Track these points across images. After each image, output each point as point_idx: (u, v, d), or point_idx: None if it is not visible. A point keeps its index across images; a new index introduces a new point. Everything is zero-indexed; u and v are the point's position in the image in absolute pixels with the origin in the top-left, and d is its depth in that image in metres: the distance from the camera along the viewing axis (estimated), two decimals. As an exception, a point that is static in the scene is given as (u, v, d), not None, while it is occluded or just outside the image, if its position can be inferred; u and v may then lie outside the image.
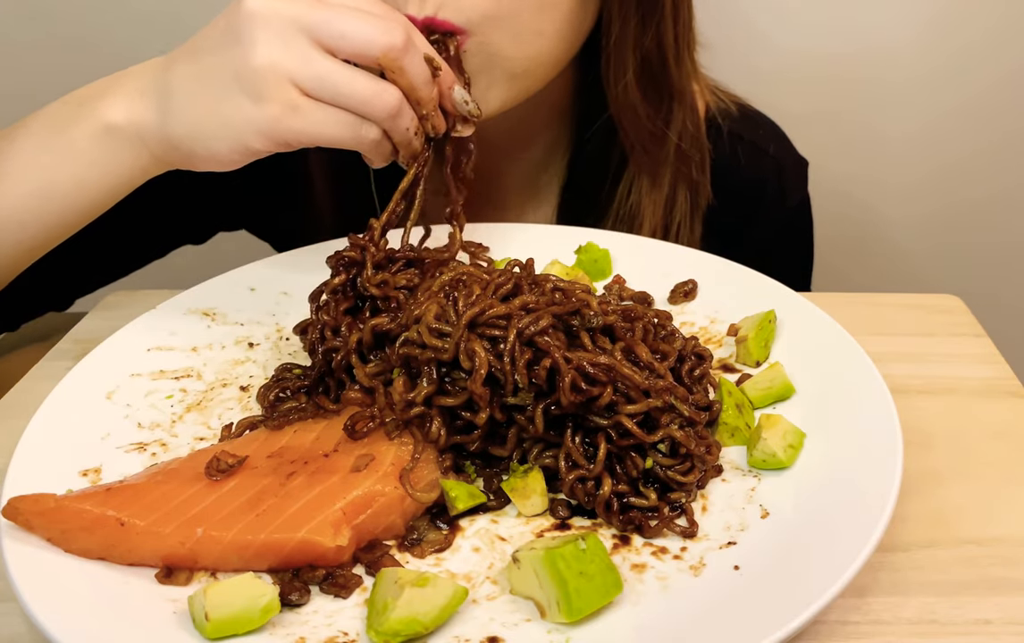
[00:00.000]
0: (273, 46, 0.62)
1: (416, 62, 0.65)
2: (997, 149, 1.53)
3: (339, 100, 0.63)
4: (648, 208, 0.89)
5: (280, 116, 0.62)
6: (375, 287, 0.66)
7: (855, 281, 1.55)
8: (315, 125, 0.63)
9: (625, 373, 0.57)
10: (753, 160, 0.96)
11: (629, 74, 0.82)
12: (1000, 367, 0.73)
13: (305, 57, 0.62)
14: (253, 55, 0.62)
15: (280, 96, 0.62)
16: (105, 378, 0.66)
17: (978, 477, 0.61)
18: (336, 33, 0.62)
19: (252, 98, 0.62)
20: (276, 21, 0.62)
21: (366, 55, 0.63)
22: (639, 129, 0.85)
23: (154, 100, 0.66)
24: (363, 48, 0.62)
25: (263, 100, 0.62)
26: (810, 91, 1.47)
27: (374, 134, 0.64)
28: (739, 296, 0.74)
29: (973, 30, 1.45)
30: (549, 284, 0.63)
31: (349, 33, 0.62)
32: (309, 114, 0.62)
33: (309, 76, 0.62)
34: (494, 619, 0.49)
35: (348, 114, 0.63)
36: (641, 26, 0.81)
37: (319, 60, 0.62)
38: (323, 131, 0.63)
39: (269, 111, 0.62)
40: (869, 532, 0.50)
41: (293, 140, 0.63)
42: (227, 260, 0.85)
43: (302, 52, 0.62)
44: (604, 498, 0.55)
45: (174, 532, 0.51)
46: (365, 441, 0.58)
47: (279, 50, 0.61)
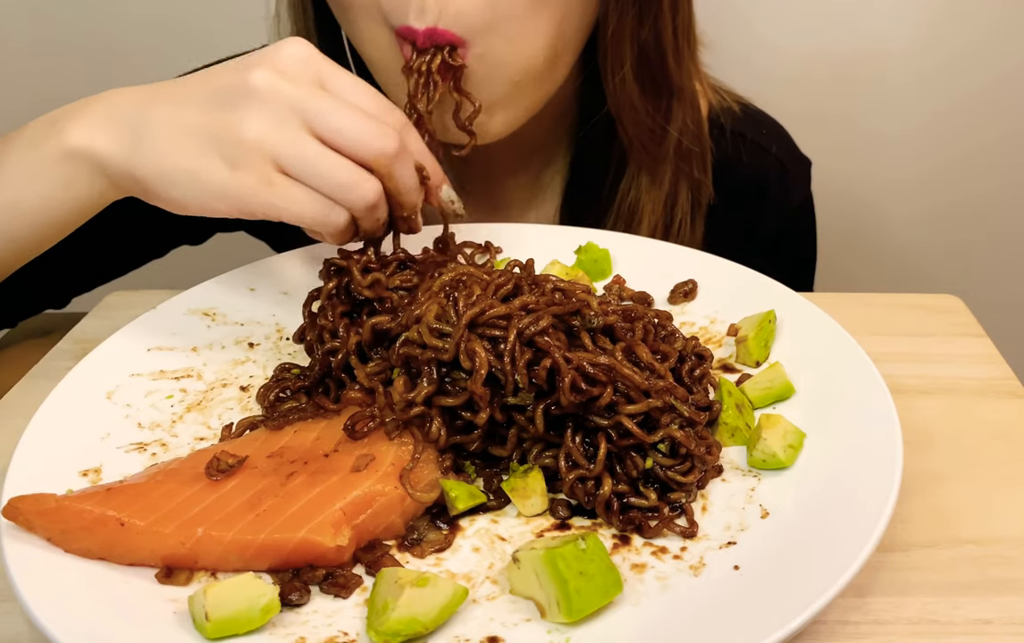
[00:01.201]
0: (266, 123, 0.62)
1: (406, 169, 0.65)
2: (997, 148, 1.53)
3: (317, 182, 0.62)
4: (648, 205, 0.89)
5: (253, 188, 0.62)
6: (367, 289, 0.66)
7: (855, 281, 1.55)
8: (285, 202, 0.62)
9: (625, 373, 0.57)
10: (756, 159, 0.96)
11: (626, 67, 0.82)
12: (1000, 367, 0.73)
13: (294, 139, 0.62)
14: (243, 127, 0.62)
15: (257, 168, 0.62)
16: (105, 378, 0.66)
17: (978, 477, 0.61)
18: (332, 127, 0.62)
19: (229, 164, 0.62)
20: (275, 100, 0.62)
21: (358, 155, 0.63)
22: (638, 125, 0.85)
23: (124, 132, 0.65)
24: (356, 148, 0.62)
25: (240, 169, 0.62)
26: (810, 91, 1.47)
27: (343, 221, 0.64)
28: (739, 296, 0.74)
29: (973, 29, 1.45)
30: (549, 284, 0.63)
31: (345, 130, 0.62)
32: (282, 190, 0.62)
33: (292, 157, 0.62)
34: (494, 619, 0.49)
35: (321, 197, 0.63)
36: (639, 18, 0.81)
37: (307, 145, 0.62)
38: (292, 209, 0.62)
39: (243, 181, 0.62)
40: (869, 532, 0.50)
41: (259, 212, 0.63)
42: (227, 260, 0.85)
43: (293, 134, 0.62)
44: (604, 498, 0.55)
45: (174, 532, 0.51)
46: (365, 441, 0.58)
47: (271, 127, 0.62)
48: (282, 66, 0.63)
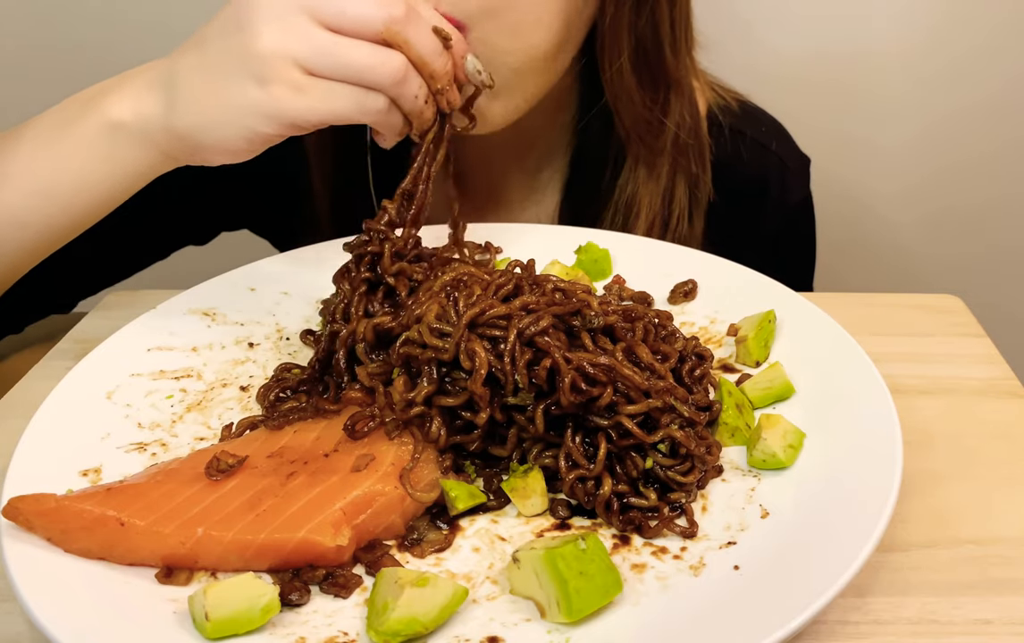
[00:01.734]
0: (275, 29, 0.62)
1: (422, 32, 0.65)
2: (997, 150, 1.53)
3: (342, 73, 0.62)
4: (645, 198, 0.89)
5: (285, 97, 0.62)
6: (392, 276, 0.66)
7: (855, 281, 1.55)
8: (320, 102, 0.63)
9: (625, 373, 0.57)
10: (755, 157, 0.95)
11: (623, 58, 0.82)
12: (1000, 367, 0.73)
13: (307, 36, 0.62)
14: (256, 40, 0.62)
15: (285, 77, 0.62)
16: (105, 378, 0.66)
17: (978, 477, 0.61)
18: (336, 10, 0.62)
19: (257, 82, 0.62)
20: (276, 5, 0.62)
21: (367, 29, 0.63)
22: (635, 116, 0.85)
23: (160, 94, 0.66)
24: (363, 21, 0.63)
25: (268, 83, 0.62)
26: (810, 93, 1.47)
27: (380, 104, 0.64)
28: (739, 296, 0.74)
29: (973, 33, 1.45)
30: (550, 284, 0.63)
31: (349, 9, 0.62)
32: (313, 91, 0.62)
33: (311, 53, 0.62)
34: (494, 619, 0.49)
35: (353, 87, 0.63)
36: (636, 9, 0.81)
37: (321, 37, 0.62)
38: (329, 107, 0.63)
39: (274, 93, 0.62)
40: (869, 532, 0.50)
41: (301, 120, 0.63)
42: (227, 260, 0.85)
43: (304, 31, 0.62)
44: (604, 498, 0.55)
45: (174, 532, 0.51)
46: (365, 441, 0.58)
47: (281, 33, 0.62)
48: None
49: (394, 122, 0.66)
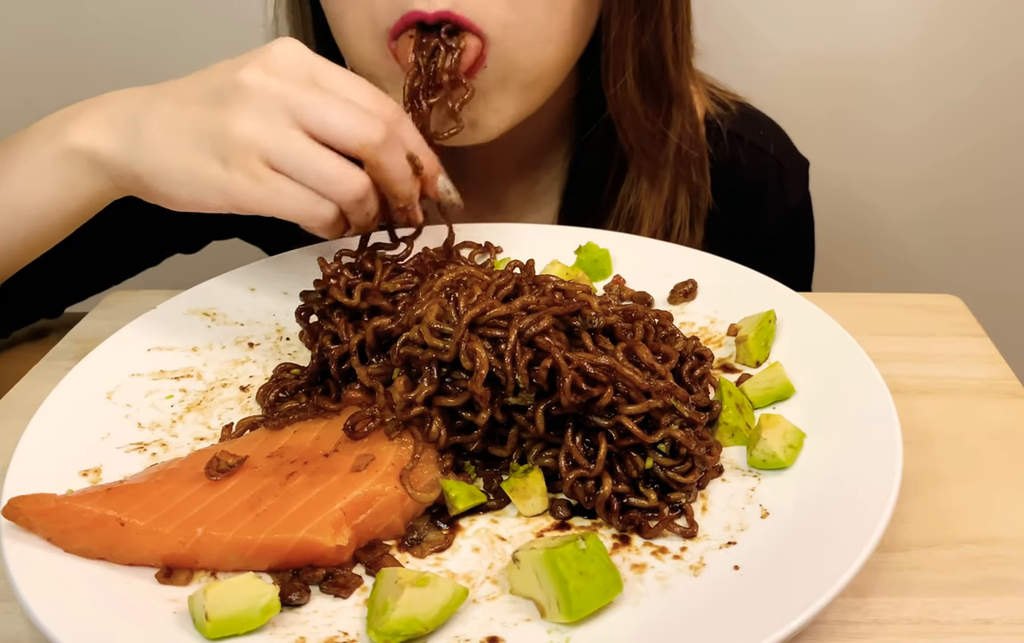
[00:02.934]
0: (254, 118, 0.63)
1: (395, 159, 0.65)
2: (996, 148, 1.53)
3: (302, 176, 0.63)
4: (647, 210, 0.89)
5: (241, 183, 0.63)
6: (360, 302, 0.66)
7: (855, 281, 1.55)
8: (273, 197, 0.63)
9: (625, 374, 0.57)
10: (753, 160, 0.95)
11: (628, 74, 0.82)
12: (1000, 367, 0.73)
13: (282, 134, 0.63)
14: (234, 124, 0.63)
15: (246, 165, 0.63)
16: (105, 378, 0.66)
17: (978, 477, 0.61)
18: (318, 118, 0.63)
19: (220, 160, 0.63)
20: (264, 97, 0.63)
21: (344, 145, 0.63)
22: (638, 130, 0.85)
23: (123, 131, 0.67)
24: (342, 138, 0.63)
25: (231, 166, 0.63)
26: (809, 92, 1.47)
27: (329, 215, 0.64)
28: (739, 296, 0.74)
29: (970, 29, 1.45)
30: (550, 285, 0.63)
31: (330, 121, 0.63)
32: (270, 185, 0.63)
33: (280, 150, 0.63)
34: (494, 619, 0.49)
35: (308, 191, 0.63)
36: (640, 25, 0.81)
37: (294, 137, 0.63)
38: (279, 203, 0.63)
39: (235, 178, 0.63)
40: (869, 532, 0.50)
41: (250, 208, 0.64)
42: (226, 261, 0.85)
43: (280, 130, 0.63)
44: (604, 498, 0.55)
45: (174, 532, 0.51)
46: (365, 441, 0.58)
47: (259, 125, 0.63)
48: (272, 64, 0.64)
49: (337, 230, 0.67)
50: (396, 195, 0.67)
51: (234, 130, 0.63)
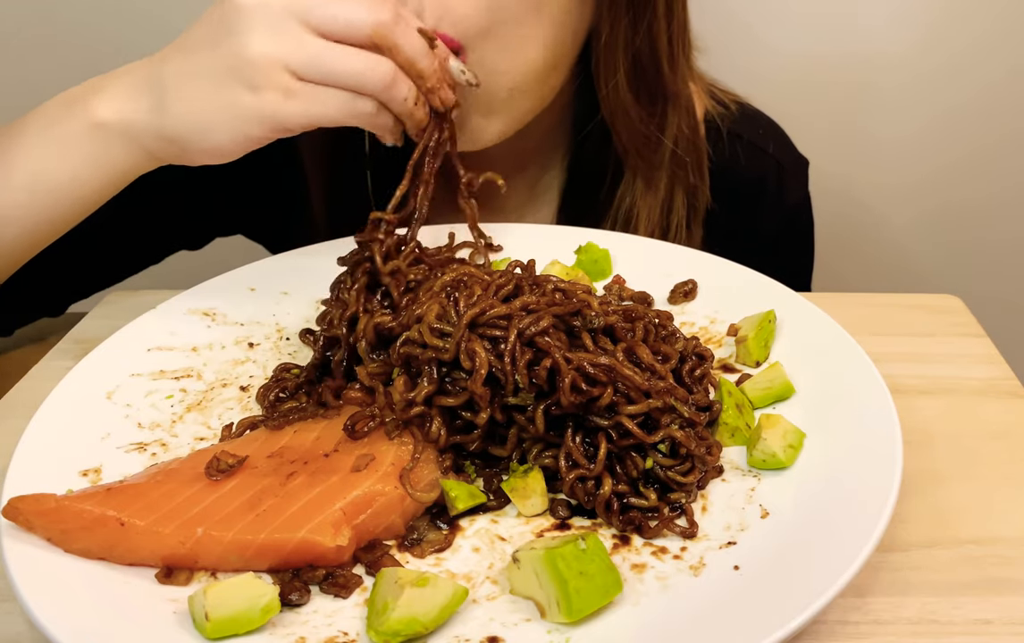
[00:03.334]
0: (265, 35, 0.63)
1: (409, 35, 0.66)
2: (996, 149, 1.53)
3: (332, 78, 0.63)
4: (644, 211, 0.89)
5: (277, 102, 0.63)
6: (387, 276, 0.66)
7: (855, 281, 1.55)
8: (311, 106, 0.64)
9: (625, 374, 0.57)
10: (753, 159, 0.95)
11: (620, 75, 0.82)
12: (1000, 367, 0.73)
13: (297, 41, 0.63)
14: (247, 46, 0.63)
15: (275, 82, 0.63)
16: (105, 378, 0.66)
17: (978, 477, 0.61)
18: (327, 15, 0.63)
19: (249, 88, 0.63)
20: (266, 10, 0.63)
21: (356, 33, 0.64)
22: (632, 131, 0.85)
23: (147, 96, 0.67)
24: (352, 26, 0.64)
25: (259, 88, 0.63)
26: (809, 93, 1.47)
27: (369, 108, 0.65)
28: (739, 296, 0.73)
29: (971, 31, 1.45)
30: (550, 285, 0.63)
31: (339, 15, 0.63)
32: (304, 96, 0.63)
33: (301, 59, 0.63)
34: (494, 619, 0.49)
35: (343, 92, 0.64)
36: (632, 26, 0.81)
37: (311, 42, 0.63)
38: (319, 111, 0.64)
39: (266, 98, 0.63)
40: (869, 532, 0.50)
41: (291, 124, 0.64)
42: (226, 261, 0.85)
43: (294, 37, 0.63)
44: (604, 498, 0.55)
45: (174, 532, 0.51)
46: (365, 441, 0.58)
47: (271, 38, 0.63)
48: None
49: (385, 123, 0.67)
50: (420, 72, 0.67)
51: (251, 53, 0.63)
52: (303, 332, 0.72)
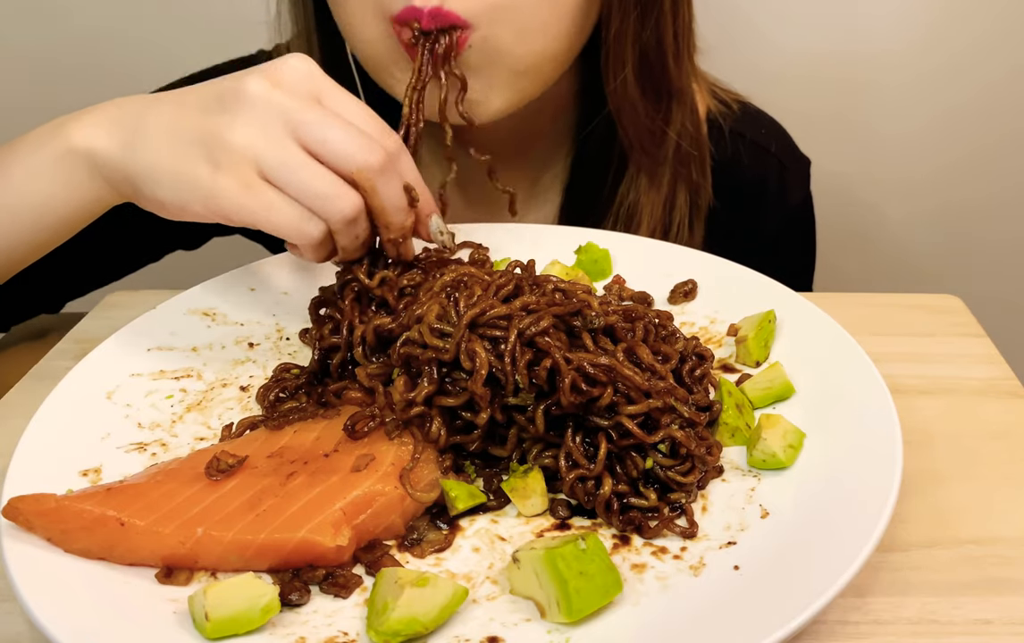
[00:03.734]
0: (253, 126, 0.61)
1: (392, 187, 0.64)
2: (997, 149, 1.53)
3: (296, 190, 0.61)
4: (647, 207, 0.89)
5: (229, 189, 0.61)
6: (378, 289, 0.66)
7: (855, 281, 1.55)
8: (260, 207, 0.61)
9: (625, 374, 0.57)
10: (755, 158, 0.96)
11: (628, 69, 0.82)
12: (1000, 367, 0.73)
13: (279, 145, 0.61)
14: (231, 130, 0.62)
15: (239, 172, 0.61)
16: (105, 378, 0.66)
17: (978, 477, 0.61)
18: (319, 138, 0.62)
19: (212, 164, 0.62)
20: (266, 108, 0.62)
21: (341, 165, 0.62)
22: (637, 127, 0.85)
23: (122, 133, 0.66)
24: (340, 159, 0.62)
25: (221, 169, 0.61)
26: (811, 91, 1.47)
27: (318, 233, 0.63)
28: (739, 296, 0.73)
29: (974, 30, 1.45)
30: (550, 285, 0.63)
31: (330, 141, 0.62)
32: (258, 196, 0.61)
33: (274, 160, 0.61)
34: (494, 619, 0.49)
35: (298, 206, 0.62)
36: (640, 21, 0.81)
37: (291, 151, 0.61)
38: (266, 215, 0.62)
39: (222, 183, 0.61)
40: (869, 532, 0.50)
41: (234, 216, 0.62)
42: (226, 261, 0.85)
43: (278, 140, 0.61)
44: (604, 498, 0.55)
45: (174, 532, 0.51)
46: (365, 441, 0.58)
47: (256, 131, 0.61)
48: (279, 77, 0.63)
49: (322, 252, 0.65)
50: (389, 224, 0.65)
51: (229, 136, 0.61)
52: (303, 332, 0.73)
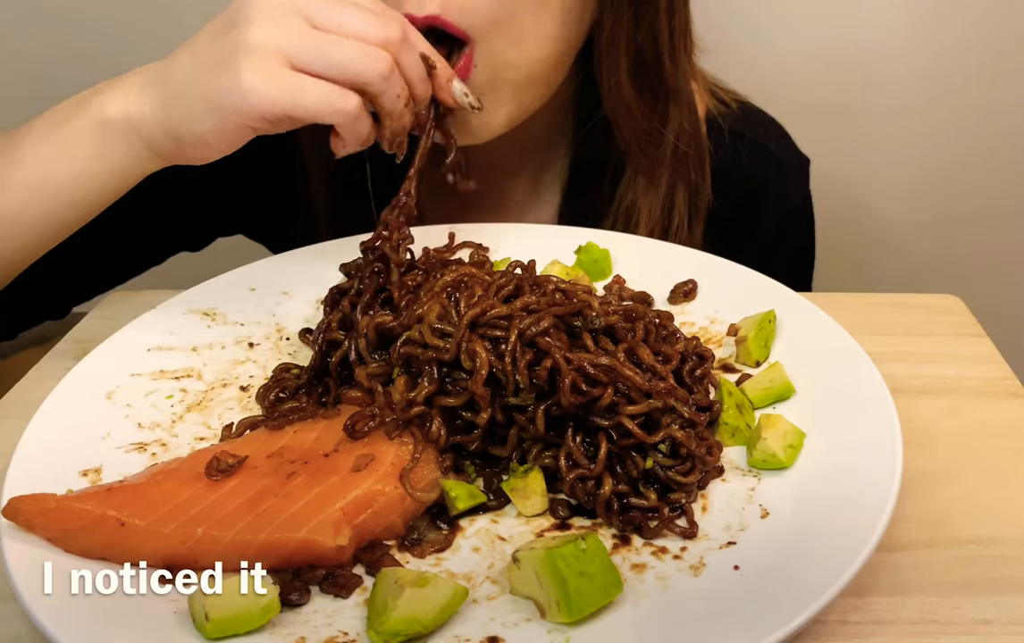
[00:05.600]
0: (268, 26, 0.61)
1: (412, 58, 0.65)
2: (998, 149, 1.53)
3: (328, 64, 0.61)
4: (645, 208, 0.89)
5: (258, 85, 0.60)
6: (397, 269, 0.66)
7: (855, 281, 1.55)
8: (290, 92, 0.61)
9: (626, 374, 0.57)
10: (754, 158, 0.95)
11: (622, 71, 0.82)
12: (1000, 367, 0.73)
13: (300, 33, 0.61)
14: (246, 32, 0.61)
15: (265, 66, 0.61)
16: (105, 378, 0.66)
17: (978, 477, 0.61)
18: (334, 22, 0.62)
19: (238, 72, 0.61)
20: (277, 9, 0.62)
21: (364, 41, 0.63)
22: (634, 128, 0.85)
23: (150, 92, 0.66)
24: (360, 36, 0.62)
25: (242, 71, 0.61)
26: (811, 91, 1.47)
27: (351, 105, 0.62)
28: (739, 296, 0.73)
29: (976, 31, 1.45)
30: (551, 285, 0.63)
31: (347, 23, 0.62)
32: (287, 82, 0.61)
33: (300, 45, 0.61)
34: (494, 619, 0.49)
35: (329, 85, 0.61)
36: (635, 22, 0.80)
37: (313, 33, 0.62)
38: (299, 99, 0.61)
39: (244, 80, 0.61)
40: (869, 532, 0.50)
41: (268, 111, 0.61)
42: (226, 261, 0.85)
43: (297, 29, 0.62)
44: (605, 498, 0.55)
45: (174, 532, 0.51)
46: (365, 441, 0.58)
47: (273, 29, 0.61)
48: None
49: (360, 129, 0.64)
50: (414, 96, 0.66)
51: (250, 40, 0.61)
52: (303, 332, 0.73)
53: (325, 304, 0.70)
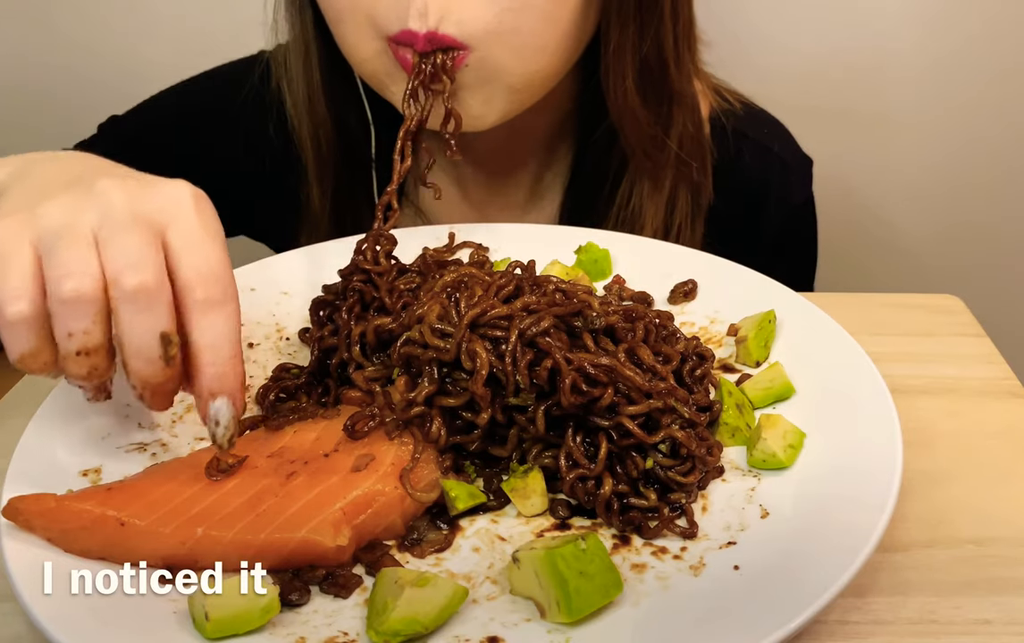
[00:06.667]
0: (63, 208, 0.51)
1: (138, 322, 0.50)
2: (999, 149, 1.53)
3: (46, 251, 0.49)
4: (650, 210, 0.89)
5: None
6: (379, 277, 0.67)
7: (855, 281, 1.55)
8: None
9: (626, 374, 0.57)
10: (757, 158, 0.96)
11: (628, 80, 0.82)
12: (1000, 367, 0.73)
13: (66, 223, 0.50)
14: (48, 204, 0.51)
15: (16, 231, 0.50)
16: (105, 378, 0.66)
17: (978, 477, 0.61)
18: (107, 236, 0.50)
19: None
20: (94, 201, 0.51)
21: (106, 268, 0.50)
22: (639, 134, 0.85)
23: None
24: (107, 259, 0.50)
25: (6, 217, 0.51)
26: (815, 93, 1.47)
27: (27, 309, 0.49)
28: (739, 296, 0.73)
29: (979, 30, 1.45)
30: (551, 285, 0.63)
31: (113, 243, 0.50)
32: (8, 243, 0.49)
33: (49, 230, 0.50)
34: (494, 619, 0.49)
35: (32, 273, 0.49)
36: (640, 32, 0.80)
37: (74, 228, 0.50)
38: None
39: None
40: (869, 532, 0.50)
41: None
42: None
43: (70, 220, 0.50)
44: (605, 498, 0.55)
45: (174, 532, 0.51)
46: (365, 441, 0.58)
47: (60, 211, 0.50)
48: (137, 192, 0.52)
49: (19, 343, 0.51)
50: (126, 366, 0.52)
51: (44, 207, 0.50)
52: (303, 332, 0.72)
53: (311, 314, 0.70)
